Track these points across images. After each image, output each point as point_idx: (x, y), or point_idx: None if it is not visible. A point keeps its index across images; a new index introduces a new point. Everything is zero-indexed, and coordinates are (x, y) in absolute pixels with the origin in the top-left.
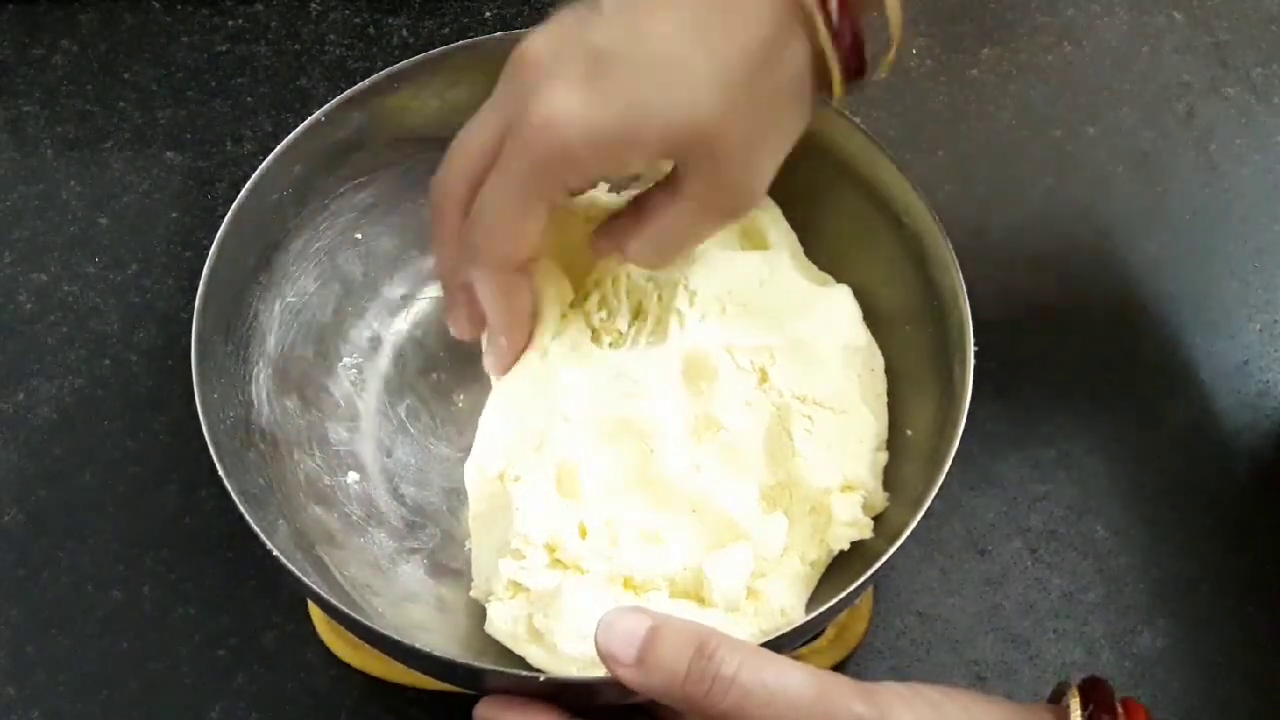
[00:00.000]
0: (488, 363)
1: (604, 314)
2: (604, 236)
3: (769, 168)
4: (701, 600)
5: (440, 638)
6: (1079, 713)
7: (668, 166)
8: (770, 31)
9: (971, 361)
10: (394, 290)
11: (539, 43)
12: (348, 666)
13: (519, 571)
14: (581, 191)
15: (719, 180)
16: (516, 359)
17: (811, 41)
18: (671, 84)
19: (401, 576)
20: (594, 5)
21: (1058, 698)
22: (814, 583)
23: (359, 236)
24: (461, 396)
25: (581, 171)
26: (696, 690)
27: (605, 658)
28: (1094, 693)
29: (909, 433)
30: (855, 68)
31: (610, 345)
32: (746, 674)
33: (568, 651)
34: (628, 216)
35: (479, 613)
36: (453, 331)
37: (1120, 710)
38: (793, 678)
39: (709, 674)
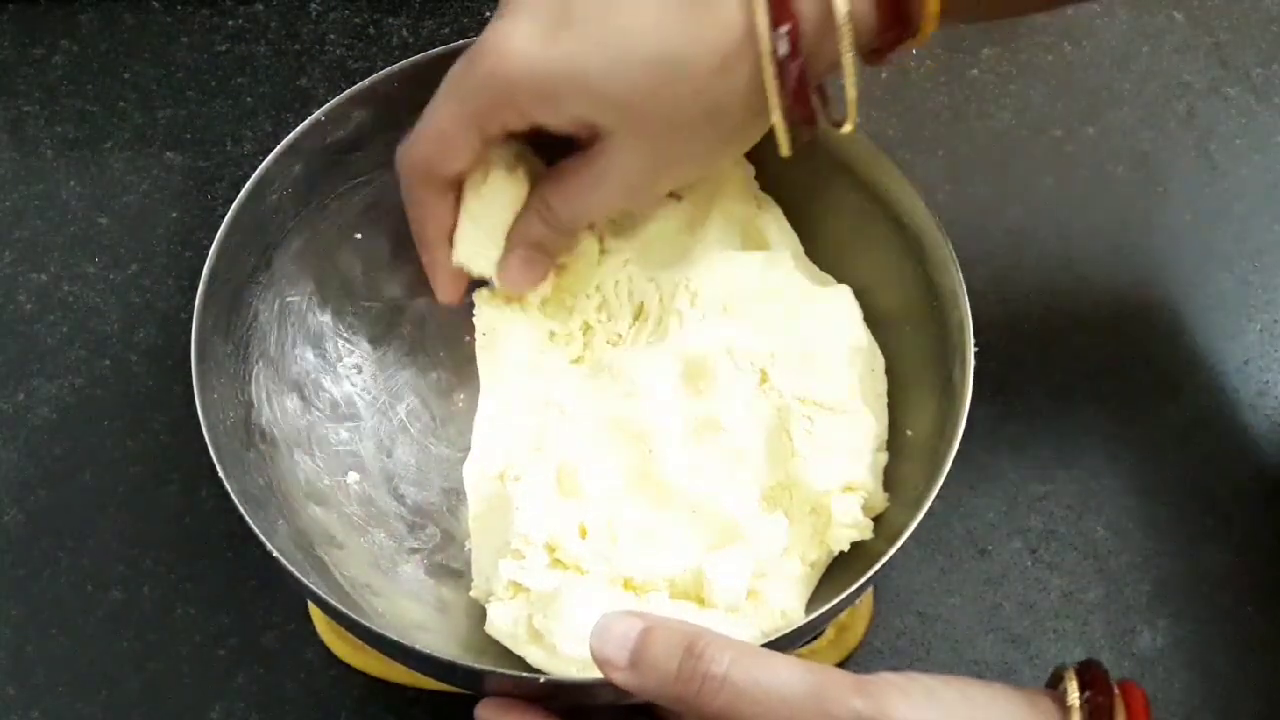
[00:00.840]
0: (437, 291)
1: (604, 316)
2: (531, 197)
3: (676, 170)
4: (702, 601)
5: (440, 638)
6: (1076, 695)
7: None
8: (727, 42)
9: (971, 361)
10: (394, 290)
11: None
12: (348, 666)
13: (519, 572)
14: (515, 134)
15: (623, 159)
16: (454, 280)
17: (757, 68)
18: (616, 51)
19: (401, 576)
20: None
21: (1055, 683)
22: (814, 583)
23: (359, 236)
24: (461, 396)
25: (514, 105)
26: (688, 690)
27: (600, 662)
28: (1089, 675)
29: (909, 433)
30: (803, 116)
31: (610, 345)
32: (737, 672)
33: (567, 652)
34: (551, 176)
35: (479, 613)
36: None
37: (1117, 692)
38: (786, 675)
39: (698, 673)
